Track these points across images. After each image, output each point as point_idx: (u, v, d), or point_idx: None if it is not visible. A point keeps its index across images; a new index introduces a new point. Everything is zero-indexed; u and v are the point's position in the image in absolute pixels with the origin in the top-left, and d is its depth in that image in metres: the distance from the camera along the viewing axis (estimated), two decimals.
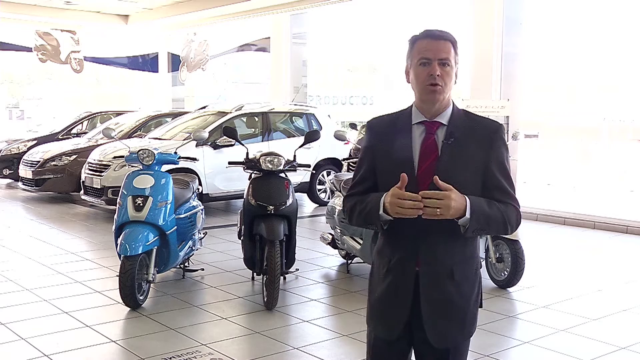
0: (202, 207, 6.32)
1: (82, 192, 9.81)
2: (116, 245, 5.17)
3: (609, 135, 14.04)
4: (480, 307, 2.41)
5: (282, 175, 5.53)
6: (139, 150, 5.50)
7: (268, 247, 5.15)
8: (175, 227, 5.44)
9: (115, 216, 5.33)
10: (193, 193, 6.17)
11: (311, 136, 5.63)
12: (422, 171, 2.18)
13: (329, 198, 9.39)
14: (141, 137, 10.57)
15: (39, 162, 10.88)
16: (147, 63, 19.30)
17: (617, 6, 10.97)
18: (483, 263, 6.01)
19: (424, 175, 2.16)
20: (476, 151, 2.21)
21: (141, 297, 5.15)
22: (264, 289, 5.22)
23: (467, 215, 2.08)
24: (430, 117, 2.24)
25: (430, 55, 2.17)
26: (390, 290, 2.29)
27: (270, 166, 5.42)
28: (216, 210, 10.16)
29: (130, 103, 19.07)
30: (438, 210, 2.04)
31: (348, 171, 7.87)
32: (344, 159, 9.13)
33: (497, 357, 4.23)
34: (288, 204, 5.32)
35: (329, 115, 11.33)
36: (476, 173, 2.20)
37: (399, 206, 2.07)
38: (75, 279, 6.00)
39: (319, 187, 10.63)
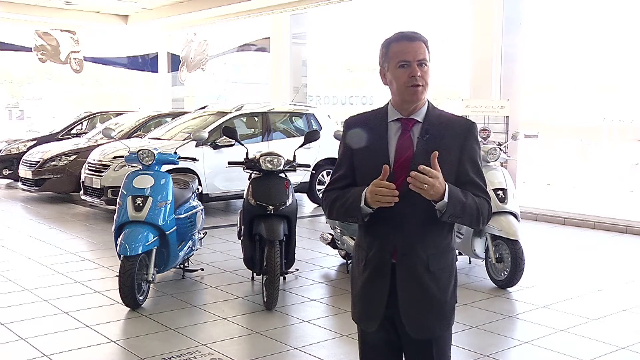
0: (202, 207, 6.32)
1: (81, 192, 9.81)
2: (116, 245, 5.17)
3: (609, 135, 14.04)
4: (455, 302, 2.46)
5: (282, 175, 5.53)
6: (139, 151, 5.50)
7: (268, 247, 5.15)
8: (175, 227, 5.44)
9: (115, 216, 5.33)
10: (193, 193, 6.18)
11: (311, 136, 5.63)
12: (397, 166, 2.27)
13: None
14: (141, 137, 10.57)
15: (38, 162, 10.87)
16: (147, 63, 19.29)
17: (617, 6, 10.97)
18: (483, 263, 6.02)
19: (399, 170, 2.25)
20: (450, 148, 2.28)
21: (141, 297, 5.15)
22: (264, 289, 5.22)
23: (445, 199, 2.16)
24: (406, 115, 2.33)
25: (409, 58, 2.27)
26: (368, 283, 2.38)
27: (270, 166, 5.42)
28: (216, 210, 10.16)
29: (130, 103, 19.05)
30: (426, 185, 2.12)
31: None
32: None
33: (497, 357, 4.23)
34: (288, 204, 5.32)
35: (328, 115, 11.32)
36: (450, 168, 2.26)
37: (377, 194, 2.16)
38: (75, 279, 6.00)
39: (318, 187, 10.62)
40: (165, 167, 5.76)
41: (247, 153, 5.66)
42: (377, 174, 2.19)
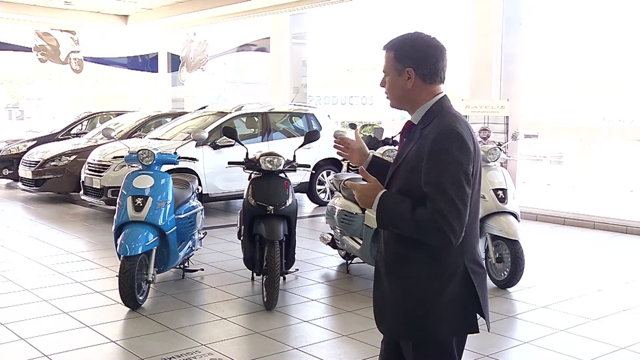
0: (202, 207, 6.32)
1: (81, 192, 9.81)
2: (116, 245, 5.17)
3: (608, 135, 14.04)
4: (481, 314, 2.34)
5: (282, 175, 5.53)
6: (139, 151, 5.50)
7: (268, 247, 5.15)
8: (175, 227, 5.44)
9: (115, 216, 5.33)
10: (193, 193, 6.17)
11: (311, 136, 5.63)
12: (396, 166, 2.39)
13: (328, 198, 9.39)
14: (141, 137, 10.57)
15: (38, 162, 10.87)
16: (147, 63, 19.30)
17: (617, 6, 10.97)
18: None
19: (393, 168, 2.38)
20: (419, 154, 2.21)
21: (141, 297, 5.15)
22: (264, 289, 5.22)
23: (373, 208, 2.24)
24: (410, 118, 2.38)
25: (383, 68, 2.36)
26: None
27: (270, 166, 5.42)
28: (216, 210, 10.16)
29: (130, 103, 19.06)
30: (356, 198, 2.31)
31: (348, 171, 7.87)
32: (343, 159, 9.12)
33: (497, 357, 4.24)
34: (288, 204, 5.32)
35: (328, 116, 11.33)
36: (418, 175, 2.19)
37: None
38: (75, 279, 6.00)
39: (318, 187, 10.63)
40: (165, 167, 5.76)
41: (247, 153, 5.66)
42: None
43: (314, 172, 10.13)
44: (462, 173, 2.13)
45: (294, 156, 5.66)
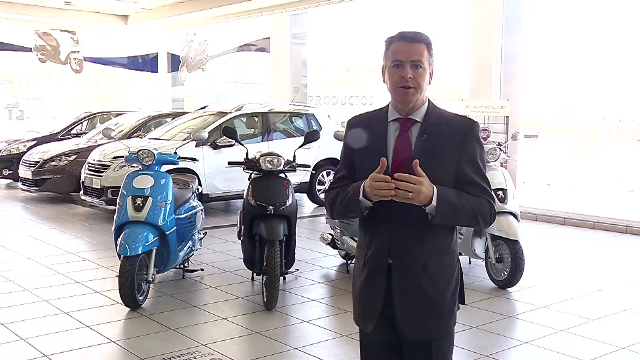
0: (202, 207, 6.32)
1: (81, 192, 9.81)
2: (116, 245, 5.17)
3: (608, 135, 14.04)
4: (463, 303, 2.45)
5: (282, 175, 5.53)
6: (139, 151, 5.50)
7: (268, 247, 5.15)
8: (175, 227, 5.44)
9: (115, 216, 5.33)
10: (193, 193, 6.18)
11: (311, 136, 5.63)
12: (395, 166, 2.25)
13: None
14: (141, 138, 10.57)
15: (38, 162, 10.87)
16: (147, 63, 19.30)
17: (617, 6, 10.97)
18: (483, 263, 6.03)
19: (397, 169, 2.21)
20: (448, 148, 2.27)
21: (141, 298, 5.15)
22: (264, 289, 5.22)
23: (434, 202, 2.16)
24: (405, 115, 2.33)
25: (402, 58, 2.26)
26: (366, 283, 2.39)
27: (270, 166, 5.42)
28: (216, 210, 10.16)
29: (130, 103, 19.06)
30: (410, 193, 2.13)
31: None
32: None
33: (497, 357, 4.23)
34: (288, 204, 5.32)
35: (328, 116, 11.33)
36: (448, 168, 2.27)
37: (375, 188, 2.16)
38: (75, 279, 6.00)
39: (318, 187, 10.62)
40: (165, 167, 5.76)
41: (247, 153, 5.66)
42: None
43: (314, 172, 10.13)
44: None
45: (294, 156, 5.66)
